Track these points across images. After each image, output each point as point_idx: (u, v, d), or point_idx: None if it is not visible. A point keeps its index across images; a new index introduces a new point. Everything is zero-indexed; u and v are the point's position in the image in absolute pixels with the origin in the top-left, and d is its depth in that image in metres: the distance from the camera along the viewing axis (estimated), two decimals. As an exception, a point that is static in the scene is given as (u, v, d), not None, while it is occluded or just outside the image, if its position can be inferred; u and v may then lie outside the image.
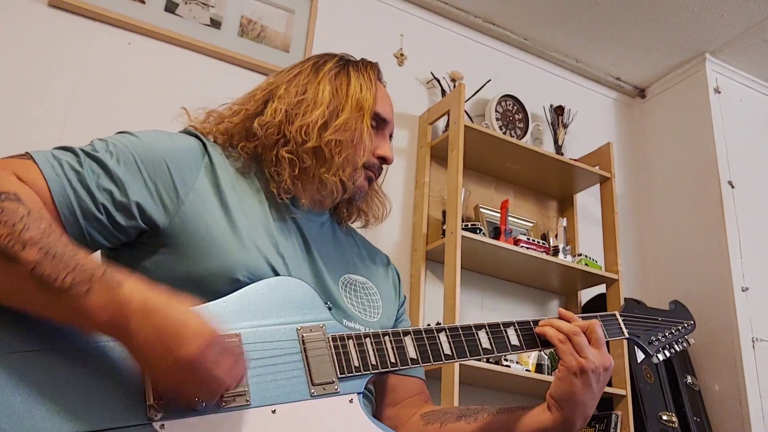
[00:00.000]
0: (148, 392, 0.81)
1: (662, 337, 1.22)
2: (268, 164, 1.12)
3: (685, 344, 1.26)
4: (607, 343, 2.48)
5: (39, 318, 0.79)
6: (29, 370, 0.77)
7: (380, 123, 1.20)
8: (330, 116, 1.12)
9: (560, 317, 1.08)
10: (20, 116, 1.89)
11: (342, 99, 1.14)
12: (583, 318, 1.10)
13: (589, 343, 1.03)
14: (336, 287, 1.12)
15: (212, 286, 0.94)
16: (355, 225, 1.31)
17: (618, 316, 1.19)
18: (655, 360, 1.21)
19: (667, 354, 1.22)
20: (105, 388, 0.80)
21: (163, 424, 0.80)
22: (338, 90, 1.15)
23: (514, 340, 1.07)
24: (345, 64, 1.21)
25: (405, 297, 1.32)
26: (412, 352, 1.00)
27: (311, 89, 1.14)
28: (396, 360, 0.98)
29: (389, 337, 1.00)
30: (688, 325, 1.27)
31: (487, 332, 1.06)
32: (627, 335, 1.18)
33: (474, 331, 1.05)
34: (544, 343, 1.07)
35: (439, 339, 1.03)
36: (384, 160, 1.20)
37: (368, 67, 1.22)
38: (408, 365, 1.00)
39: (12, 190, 0.81)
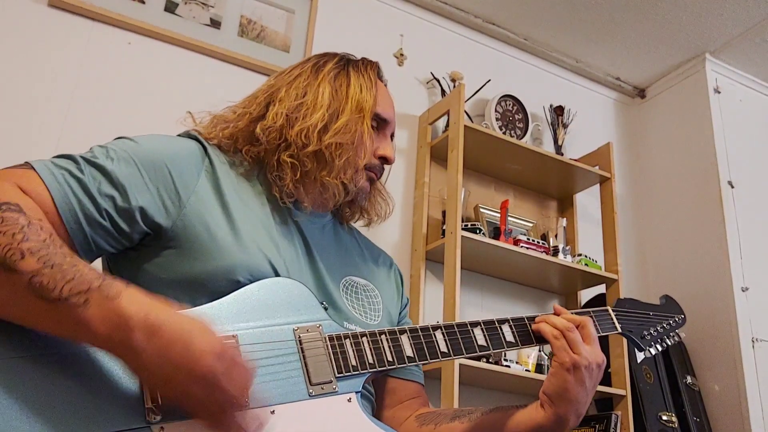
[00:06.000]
0: (146, 395, 0.80)
1: (654, 331, 1.24)
2: (270, 169, 1.12)
3: (676, 338, 1.28)
4: (607, 341, 2.49)
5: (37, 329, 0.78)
6: (24, 375, 0.76)
7: (381, 123, 1.19)
8: (330, 119, 1.12)
9: (555, 313, 1.09)
10: (20, 116, 1.89)
11: (342, 101, 1.14)
12: (577, 314, 1.11)
13: (582, 339, 1.04)
14: (337, 290, 1.12)
15: (213, 287, 0.94)
16: (358, 224, 1.31)
17: (611, 311, 1.21)
18: (647, 354, 1.23)
19: (659, 348, 1.25)
20: (101, 392, 0.79)
21: (162, 427, 0.80)
22: (338, 92, 1.15)
23: (509, 337, 1.08)
24: (345, 64, 1.20)
25: (408, 299, 1.32)
26: (408, 350, 1.00)
27: (311, 92, 1.14)
28: (393, 358, 0.99)
29: (386, 335, 1.00)
30: (679, 320, 1.29)
31: (482, 329, 1.07)
32: (620, 330, 1.19)
33: (469, 328, 1.06)
34: (538, 339, 1.08)
35: (435, 337, 1.03)
36: (385, 160, 1.19)
37: (368, 66, 1.21)
38: (405, 363, 1.00)
39: (14, 201, 0.81)
